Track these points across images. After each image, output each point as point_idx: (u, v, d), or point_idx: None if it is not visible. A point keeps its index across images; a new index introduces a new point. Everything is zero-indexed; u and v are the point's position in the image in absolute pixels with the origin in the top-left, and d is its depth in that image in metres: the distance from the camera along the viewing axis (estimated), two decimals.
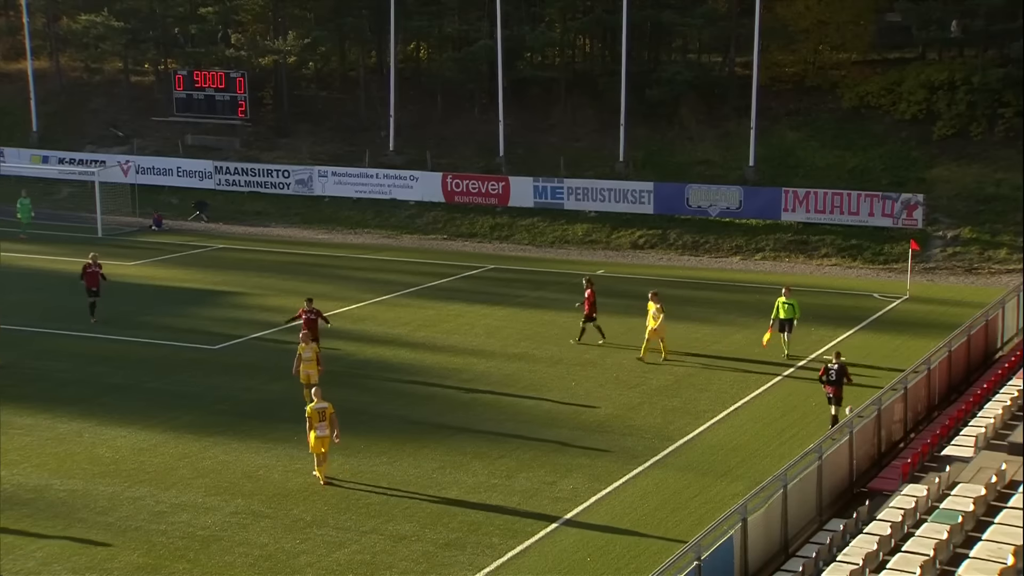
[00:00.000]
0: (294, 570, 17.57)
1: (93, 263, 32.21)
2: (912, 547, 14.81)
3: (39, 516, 19.43)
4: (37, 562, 17.79)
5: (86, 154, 52.60)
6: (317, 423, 20.64)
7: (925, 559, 14.25)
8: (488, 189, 47.73)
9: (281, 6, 54.91)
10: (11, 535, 18.69)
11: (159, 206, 48.59)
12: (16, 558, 17.91)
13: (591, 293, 30.11)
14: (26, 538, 18.59)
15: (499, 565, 17.79)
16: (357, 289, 36.49)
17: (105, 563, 17.72)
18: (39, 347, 29.48)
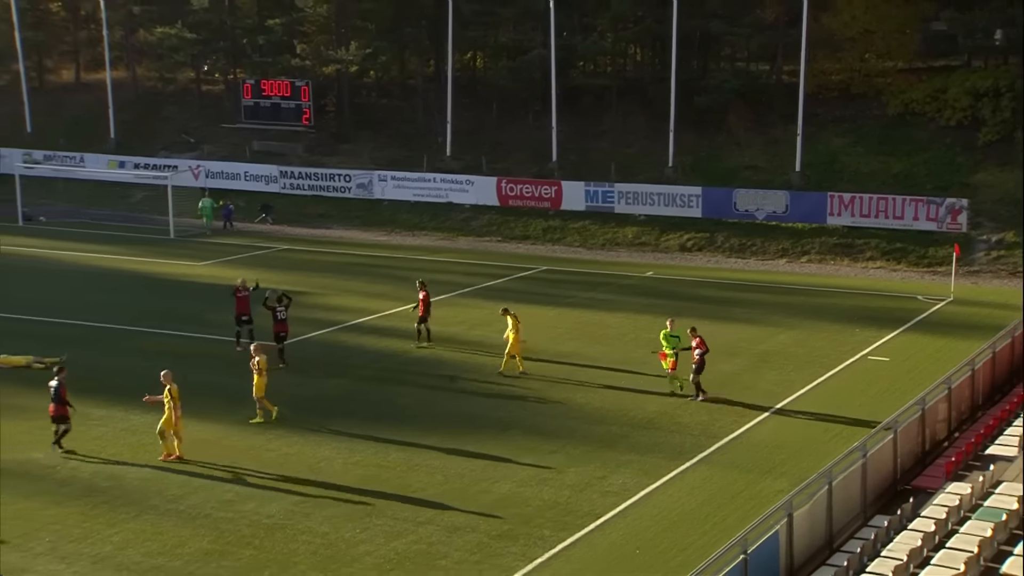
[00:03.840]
0: (353, 559, 17.64)
1: (242, 287, 28.98)
2: (956, 544, 14.56)
3: (115, 503, 19.68)
4: (114, 546, 18.02)
5: (159, 159, 53.24)
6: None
7: (969, 556, 14.01)
8: (541, 193, 47.69)
9: (344, 18, 55.22)
10: (89, 520, 18.95)
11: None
12: (94, 542, 18.16)
13: (425, 295, 29.67)
14: (103, 523, 18.84)
15: (550, 556, 17.74)
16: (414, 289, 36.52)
17: (176, 548, 17.90)
18: (113, 343, 29.84)
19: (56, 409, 21.95)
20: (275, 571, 17.22)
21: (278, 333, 27.80)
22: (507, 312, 27.49)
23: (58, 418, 21.99)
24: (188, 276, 39.13)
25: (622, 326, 32.27)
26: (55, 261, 40.88)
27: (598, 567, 17.54)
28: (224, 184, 51.42)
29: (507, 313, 27.43)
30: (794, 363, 28.47)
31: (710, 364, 27.61)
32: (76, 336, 30.20)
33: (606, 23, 53.28)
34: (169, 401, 21.50)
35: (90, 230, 46.24)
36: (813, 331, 31.67)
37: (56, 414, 21.97)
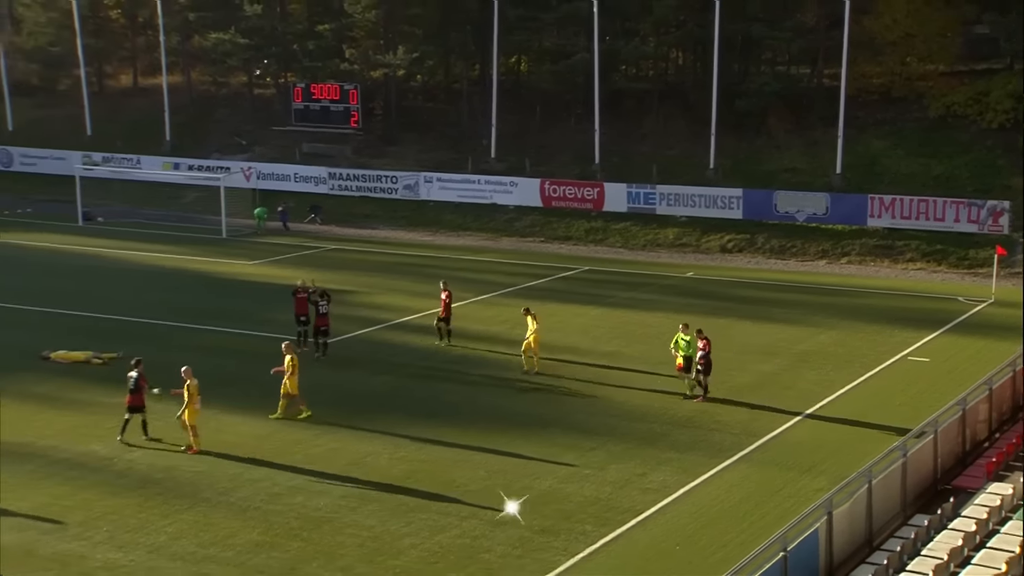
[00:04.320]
0: (399, 551, 17.69)
1: (302, 288, 29.07)
2: (997, 544, 14.35)
3: (168, 495, 19.88)
4: (168, 536, 18.21)
5: (212, 161, 53.69)
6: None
7: (1011, 555, 13.80)
8: (583, 195, 47.60)
9: (392, 23, 55.45)
10: (145, 511, 19.16)
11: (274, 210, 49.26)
12: (149, 532, 18.36)
13: (448, 296, 29.54)
14: (157, 514, 19.04)
15: (591, 551, 17.70)
16: (458, 288, 36.51)
17: (227, 539, 18.05)
18: (167, 339, 30.12)
19: (133, 399, 22.26)
20: (322, 563, 17.32)
21: (319, 327, 28.17)
22: (528, 312, 27.42)
23: (135, 408, 22.30)
24: (239, 275, 39.45)
25: (663, 326, 32.07)
26: (112, 260, 41.38)
27: (639, 562, 17.48)
28: (274, 185, 51.78)
29: (528, 313, 27.37)
30: (834, 363, 28.20)
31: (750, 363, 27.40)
32: (132, 332, 30.55)
33: (648, 27, 53.10)
34: (188, 395, 21.70)
35: (145, 230, 46.75)
36: (853, 331, 31.36)
37: (133, 404, 22.28)
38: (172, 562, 17.33)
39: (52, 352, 27.79)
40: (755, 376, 27.23)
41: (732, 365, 27.94)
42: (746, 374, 27.31)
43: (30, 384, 25.95)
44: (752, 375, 27.30)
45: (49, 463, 21.30)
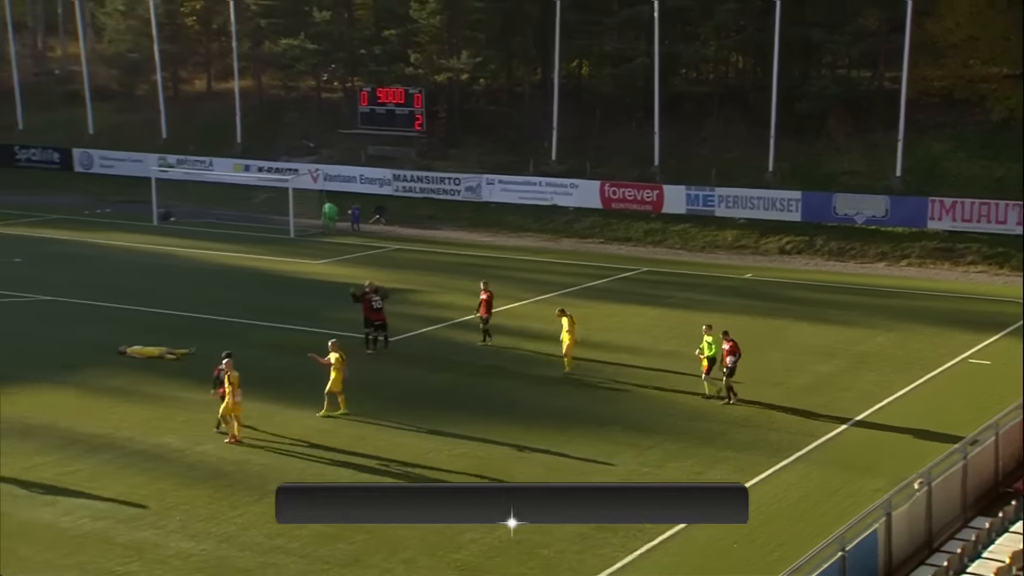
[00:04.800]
0: (460, 545, 17.71)
1: (370, 288, 28.79)
2: None
3: (238, 487, 20.11)
4: (237, 527, 18.43)
5: (281, 163, 54.24)
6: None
7: None
8: (643, 196, 47.37)
9: (456, 28, 55.65)
10: (215, 502, 19.41)
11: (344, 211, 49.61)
12: (219, 523, 18.60)
13: (488, 296, 29.19)
14: (227, 505, 19.28)
15: (649, 548, 17.58)
16: (518, 288, 36.64)
17: (294, 530, 18.15)
18: (237, 336, 30.44)
19: (224, 391, 22.59)
20: (385, 555, 17.41)
21: (374, 321, 28.34)
22: (563, 313, 27.06)
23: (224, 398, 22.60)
24: (306, 273, 39.83)
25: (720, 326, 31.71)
26: (184, 258, 41.98)
27: (696, 560, 17.34)
28: (340, 187, 52.19)
29: (563, 314, 26.99)
30: (893, 365, 27.75)
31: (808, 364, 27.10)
32: (203, 329, 30.95)
33: (709, 32, 52.73)
34: (230, 387, 21.94)
35: (216, 229, 47.37)
36: (912, 333, 30.85)
37: (223, 395, 22.59)
38: (241, 552, 17.53)
39: (128, 347, 28.23)
40: (813, 377, 26.89)
41: (790, 366, 27.65)
42: (804, 375, 26.99)
43: (107, 378, 26.42)
44: (810, 376, 26.96)
45: (125, 454, 21.66)
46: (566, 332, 26.61)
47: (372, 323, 28.41)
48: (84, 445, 22.00)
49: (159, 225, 48.24)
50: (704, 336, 24.96)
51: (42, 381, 25.93)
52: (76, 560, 17.13)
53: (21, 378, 26.09)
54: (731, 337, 24.60)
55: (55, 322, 31.74)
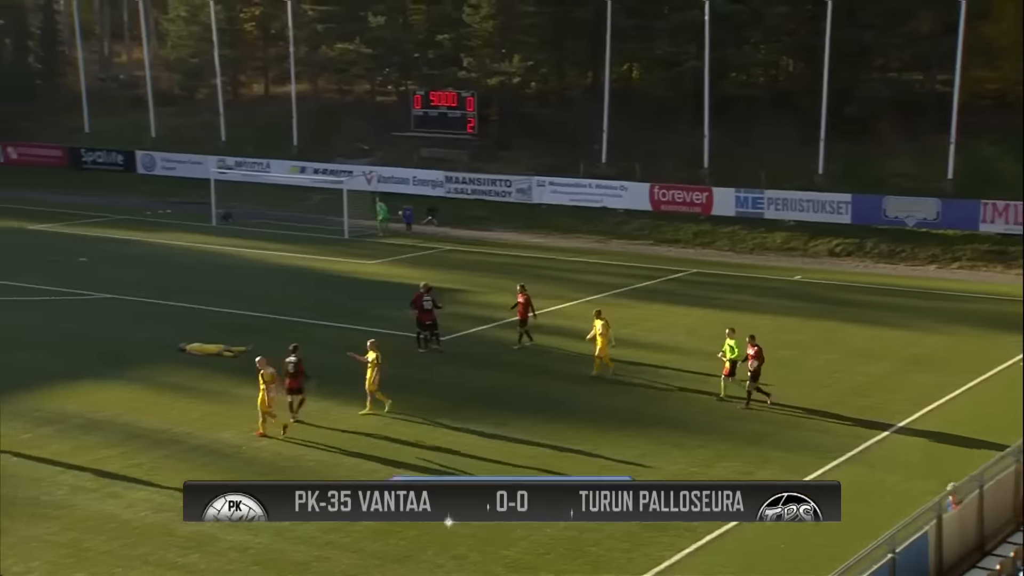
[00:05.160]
0: (510, 542, 17.71)
1: (425, 291, 28.82)
2: None
3: None
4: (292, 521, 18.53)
5: (336, 165, 54.62)
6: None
7: None
8: (692, 199, 47.10)
9: (508, 33, 55.68)
10: None
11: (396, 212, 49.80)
12: None
13: (525, 298, 28.91)
14: None
15: (698, 547, 17.47)
16: (568, 289, 36.61)
17: (347, 526, 18.24)
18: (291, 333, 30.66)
19: (292, 383, 22.92)
20: (437, 551, 17.45)
21: (424, 321, 28.42)
22: (599, 315, 26.82)
23: (295, 390, 22.96)
24: (359, 273, 40.08)
25: (769, 327, 31.49)
26: (242, 258, 42.43)
27: (744, 559, 17.20)
28: (394, 188, 52.45)
29: (599, 316, 26.75)
30: (943, 367, 27.32)
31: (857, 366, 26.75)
32: (259, 326, 31.25)
33: (759, 35, 52.28)
34: (262, 384, 22.18)
35: (273, 230, 47.80)
36: (963, 336, 30.36)
37: (293, 387, 22.93)
38: (296, 545, 17.66)
39: (188, 344, 28.58)
40: (862, 379, 26.57)
41: (839, 368, 27.35)
42: (853, 376, 26.67)
43: (168, 374, 26.77)
44: (859, 377, 26.64)
45: (185, 449, 21.93)
46: (599, 334, 26.36)
47: (423, 323, 28.52)
48: (146, 439, 22.31)
49: (218, 225, 48.77)
50: (727, 339, 24.75)
51: (106, 377, 26.35)
52: (138, 551, 17.38)
53: (86, 374, 26.54)
54: (756, 342, 24.28)
55: (118, 320, 32.22)
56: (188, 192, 54.37)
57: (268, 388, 22.23)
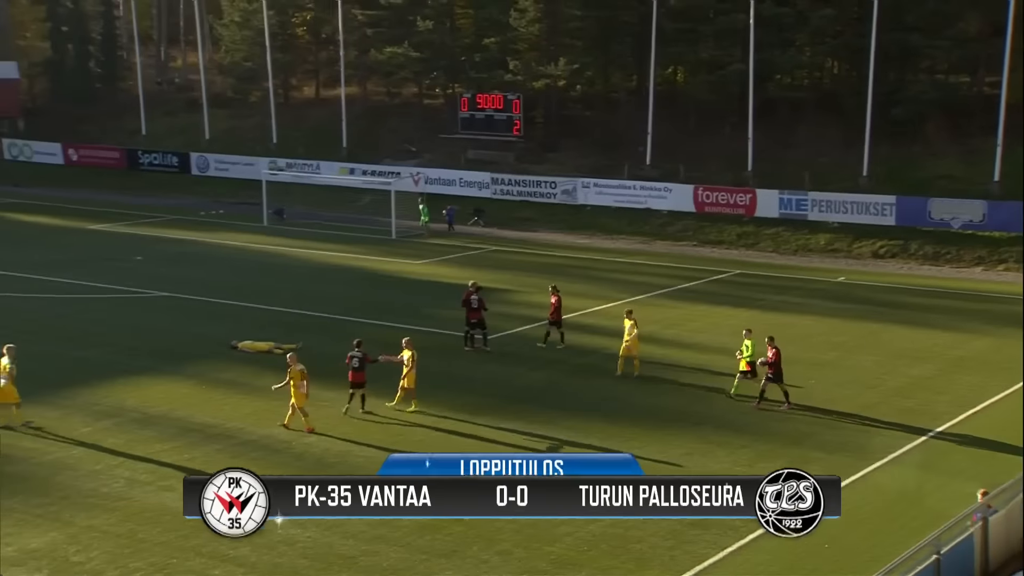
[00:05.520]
0: (554, 539, 17.70)
1: (473, 290, 28.91)
2: None
3: None
4: None
5: (384, 167, 54.96)
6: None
7: None
8: (736, 200, 46.78)
9: (554, 36, 55.67)
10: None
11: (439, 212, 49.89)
12: None
13: (557, 300, 28.69)
14: None
15: (740, 546, 17.35)
16: (612, 289, 36.53)
17: (395, 521, 18.29)
18: (340, 332, 30.88)
19: (355, 376, 23.28)
20: (482, 546, 17.49)
21: (471, 320, 28.45)
22: (630, 315, 26.63)
23: (357, 384, 23.28)
24: (406, 273, 40.26)
25: (812, 328, 31.29)
26: (292, 257, 42.78)
27: (787, 559, 17.04)
28: (441, 189, 52.63)
29: (630, 316, 26.56)
30: (989, 369, 26.91)
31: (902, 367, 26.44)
32: (308, 324, 31.50)
33: (804, 38, 51.80)
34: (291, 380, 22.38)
35: (322, 230, 48.15)
36: (1010, 338, 29.82)
37: (357, 381, 23.27)
38: (345, 539, 17.78)
39: (240, 342, 28.85)
40: (907, 380, 26.24)
41: (883, 369, 27.04)
42: (897, 378, 26.36)
43: (220, 371, 27.05)
44: (903, 379, 26.32)
45: (236, 444, 22.15)
46: (628, 335, 26.16)
47: (470, 322, 28.58)
48: (198, 434, 22.57)
49: (269, 225, 49.20)
50: (744, 339, 24.55)
51: (161, 373, 26.68)
52: (192, 543, 17.57)
53: (142, 369, 26.91)
54: (775, 344, 23.99)
55: (172, 317, 32.62)
56: (241, 193, 54.93)
57: (298, 385, 22.41)
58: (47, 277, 37.40)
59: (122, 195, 56.99)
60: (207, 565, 17.02)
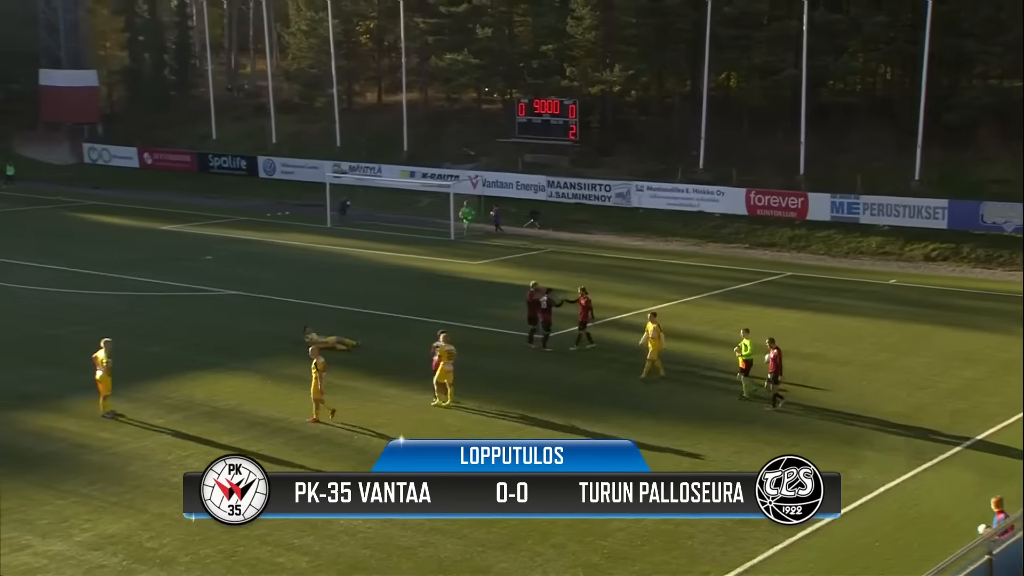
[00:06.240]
0: (607, 533, 17.62)
1: (535, 290, 28.86)
2: None
3: None
4: None
5: (443, 170, 55.16)
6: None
7: None
8: (788, 204, 46.25)
9: (610, 43, 55.50)
10: None
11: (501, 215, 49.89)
12: None
13: (586, 301, 28.30)
14: None
15: (791, 543, 17.12)
16: (665, 290, 36.31)
17: None
18: (398, 329, 31.08)
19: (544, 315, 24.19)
20: (537, 539, 17.46)
21: (541, 319, 28.45)
22: (654, 317, 26.31)
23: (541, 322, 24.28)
24: (464, 273, 40.35)
25: (864, 329, 30.83)
26: (354, 257, 43.09)
27: (838, 556, 16.81)
28: (498, 192, 52.71)
29: (653, 319, 26.22)
30: None
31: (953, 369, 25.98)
32: (370, 323, 31.68)
33: (858, 44, 51.11)
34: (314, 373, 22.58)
35: (383, 231, 48.44)
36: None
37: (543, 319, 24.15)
38: (404, 530, 17.85)
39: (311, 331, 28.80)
40: (958, 382, 25.74)
41: (934, 370, 26.56)
42: (948, 379, 25.87)
43: (285, 366, 27.27)
44: (954, 380, 25.82)
45: (300, 437, 22.34)
46: (651, 338, 25.80)
47: (538, 321, 28.50)
48: (264, 428, 22.80)
49: (331, 226, 49.60)
50: (742, 339, 24.29)
51: (228, 368, 27.01)
52: (257, 532, 17.72)
53: (210, 364, 27.27)
54: (776, 344, 23.66)
55: (239, 314, 33.02)
56: (305, 195, 55.44)
57: (320, 377, 22.58)
58: (123, 275, 38.07)
59: (193, 197, 57.86)
60: (273, 553, 17.19)
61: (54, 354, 27.93)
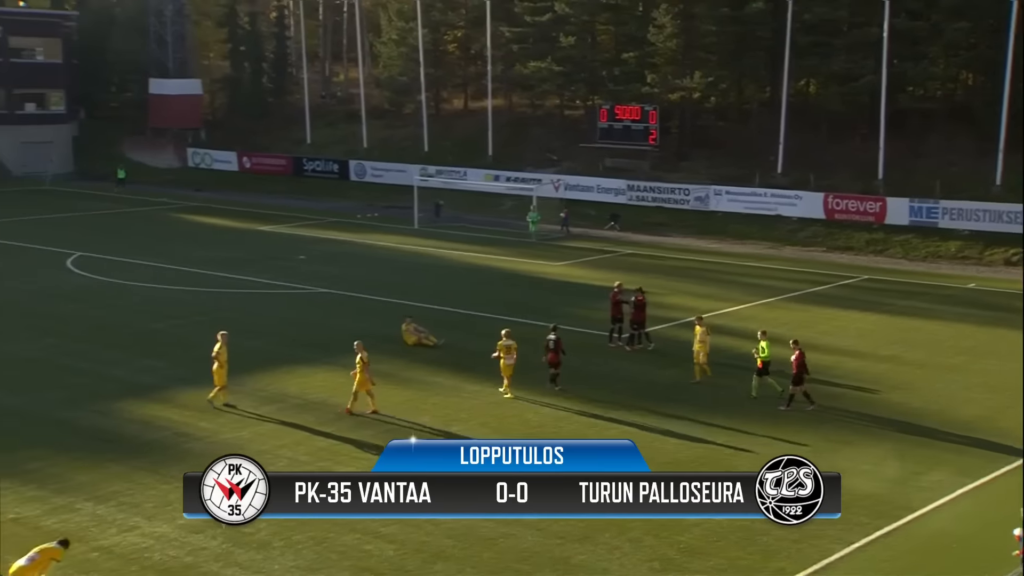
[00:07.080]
0: (684, 528, 17.37)
1: (618, 290, 28.71)
2: None
3: None
4: None
5: (526, 174, 55.24)
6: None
7: None
8: (866, 208, 45.30)
9: (690, 51, 55.01)
10: None
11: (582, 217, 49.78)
12: None
13: (642, 302, 27.89)
14: None
15: (867, 542, 16.80)
16: (742, 292, 35.85)
17: None
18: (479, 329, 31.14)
19: (552, 357, 24.34)
20: (614, 533, 17.38)
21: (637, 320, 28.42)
22: (701, 321, 25.86)
23: (554, 364, 24.34)
24: (544, 274, 40.37)
25: (941, 333, 30.06)
26: (439, 258, 43.41)
27: (914, 556, 16.43)
28: (579, 195, 52.63)
29: (700, 323, 25.77)
30: None
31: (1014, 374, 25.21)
32: (452, 321, 31.84)
33: (938, 50, 49.78)
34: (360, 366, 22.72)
35: (468, 232, 48.71)
36: None
37: (553, 361, 24.34)
38: (485, 521, 17.84)
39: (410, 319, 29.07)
40: None
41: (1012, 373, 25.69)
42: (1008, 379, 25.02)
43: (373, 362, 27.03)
44: None
45: (386, 430, 22.46)
46: (699, 341, 25.38)
47: (633, 320, 28.39)
48: (352, 421, 23.09)
49: (419, 228, 50.04)
50: (759, 340, 23.89)
51: (319, 362, 27.40)
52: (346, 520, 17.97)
53: (302, 359, 27.73)
54: (800, 346, 23.20)
55: (330, 311, 33.51)
56: (393, 197, 56.05)
57: (364, 370, 22.72)
58: (223, 273, 38.95)
59: (288, 199, 58.91)
60: (361, 540, 17.42)
61: (159, 347, 28.72)
